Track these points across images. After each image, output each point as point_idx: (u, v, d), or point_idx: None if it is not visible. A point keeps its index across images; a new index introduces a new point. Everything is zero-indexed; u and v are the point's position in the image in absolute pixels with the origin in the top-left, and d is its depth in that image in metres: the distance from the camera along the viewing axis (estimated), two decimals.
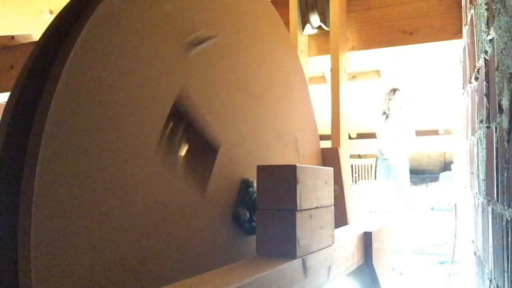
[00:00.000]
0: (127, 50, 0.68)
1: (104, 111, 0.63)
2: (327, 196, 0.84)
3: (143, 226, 0.68)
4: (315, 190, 0.79)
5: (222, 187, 0.87)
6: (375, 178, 5.39)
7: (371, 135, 6.16)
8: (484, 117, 0.93)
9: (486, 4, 0.88)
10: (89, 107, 0.61)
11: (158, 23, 0.75)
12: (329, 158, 1.39)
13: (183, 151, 0.81)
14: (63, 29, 0.64)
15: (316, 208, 0.79)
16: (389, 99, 4.22)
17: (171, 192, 0.75)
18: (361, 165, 6.67)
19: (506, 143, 0.69)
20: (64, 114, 0.57)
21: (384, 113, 4.28)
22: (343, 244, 0.92)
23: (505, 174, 0.70)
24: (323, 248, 0.81)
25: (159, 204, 0.72)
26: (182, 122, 0.80)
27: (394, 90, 4.22)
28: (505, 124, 0.69)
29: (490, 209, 0.88)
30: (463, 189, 1.70)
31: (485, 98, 0.92)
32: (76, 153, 0.59)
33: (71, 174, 0.57)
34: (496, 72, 0.76)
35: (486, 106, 0.90)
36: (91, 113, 0.61)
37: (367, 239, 1.07)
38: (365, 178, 6.53)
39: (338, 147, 1.46)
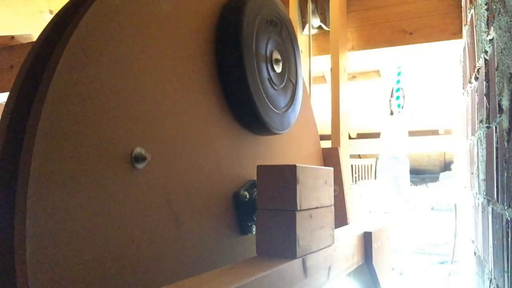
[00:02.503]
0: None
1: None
2: (327, 196, 0.84)
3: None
4: (315, 190, 0.78)
5: None
6: (375, 178, 5.39)
7: (371, 135, 6.16)
8: (484, 117, 0.93)
9: (486, 4, 0.88)
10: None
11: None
12: (329, 158, 1.39)
13: None
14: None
15: (316, 208, 0.79)
16: (391, 97, 4.24)
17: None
18: (361, 165, 6.68)
19: (506, 143, 0.69)
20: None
21: (391, 112, 4.31)
22: (343, 244, 0.92)
23: (505, 174, 0.70)
24: (323, 248, 0.81)
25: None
26: None
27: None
28: (505, 124, 0.69)
29: (490, 209, 0.88)
30: (463, 189, 1.70)
31: (485, 98, 0.92)
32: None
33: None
34: (496, 72, 0.76)
35: (486, 106, 0.90)
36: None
37: (367, 239, 1.07)
38: (365, 178, 6.53)
39: (338, 147, 1.47)
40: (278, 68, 1.03)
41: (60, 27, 0.64)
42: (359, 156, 7.22)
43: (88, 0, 0.64)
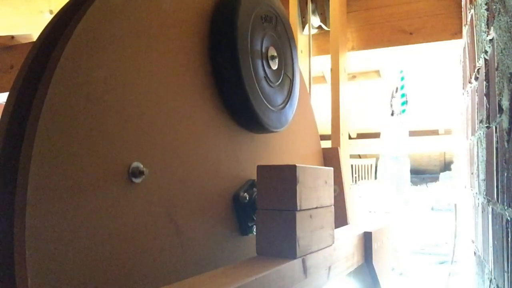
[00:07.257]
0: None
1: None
2: (327, 196, 0.84)
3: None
4: (315, 190, 0.78)
5: None
6: (375, 178, 5.39)
7: (371, 135, 6.16)
8: (484, 117, 0.93)
9: (486, 4, 0.88)
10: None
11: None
12: (329, 158, 1.39)
13: None
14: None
15: (316, 208, 0.79)
16: (392, 98, 4.25)
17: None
18: (361, 165, 6.67)
19: (506, 143, 0.69)
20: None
21: (392, 113, 4.32)
22: (343, 244, 0.92)
23: (505, 174, 0.70)
24: (323, 248, 0.81)
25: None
26: None
27: (396, 89, 4.26)
28: (505, 124, 0.69)
29: (490, 209, 0.88)
30: (463, 189, 1.70)
31: (485, 98, 0.92)
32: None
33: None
34: (496, 72, 0.76)
35: (486, 106, 0.90)
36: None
37: (367, 239, 1.07)
38: (365, 178, 6.53)
39: (338, 147, 1.47)
40: (274, 65, 1.02)
41: (60, 27, 0.64)
42: (359, 156, 7.22)
43: (88, 0, 0.64)
